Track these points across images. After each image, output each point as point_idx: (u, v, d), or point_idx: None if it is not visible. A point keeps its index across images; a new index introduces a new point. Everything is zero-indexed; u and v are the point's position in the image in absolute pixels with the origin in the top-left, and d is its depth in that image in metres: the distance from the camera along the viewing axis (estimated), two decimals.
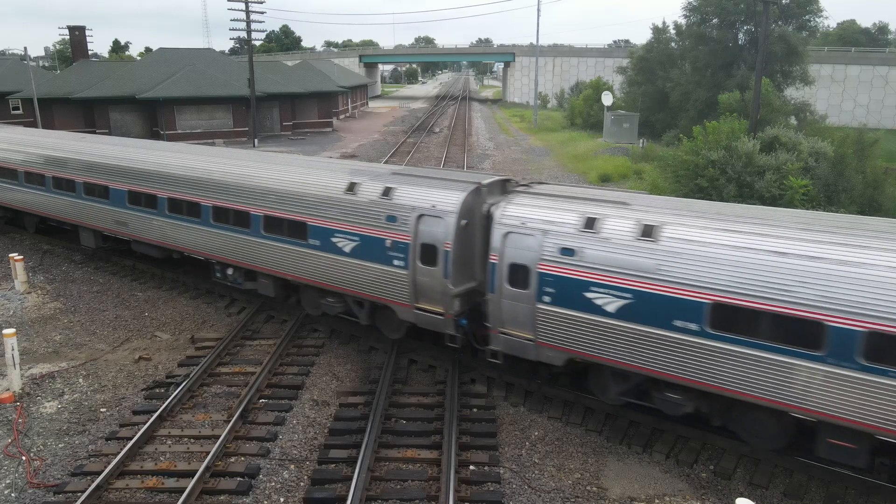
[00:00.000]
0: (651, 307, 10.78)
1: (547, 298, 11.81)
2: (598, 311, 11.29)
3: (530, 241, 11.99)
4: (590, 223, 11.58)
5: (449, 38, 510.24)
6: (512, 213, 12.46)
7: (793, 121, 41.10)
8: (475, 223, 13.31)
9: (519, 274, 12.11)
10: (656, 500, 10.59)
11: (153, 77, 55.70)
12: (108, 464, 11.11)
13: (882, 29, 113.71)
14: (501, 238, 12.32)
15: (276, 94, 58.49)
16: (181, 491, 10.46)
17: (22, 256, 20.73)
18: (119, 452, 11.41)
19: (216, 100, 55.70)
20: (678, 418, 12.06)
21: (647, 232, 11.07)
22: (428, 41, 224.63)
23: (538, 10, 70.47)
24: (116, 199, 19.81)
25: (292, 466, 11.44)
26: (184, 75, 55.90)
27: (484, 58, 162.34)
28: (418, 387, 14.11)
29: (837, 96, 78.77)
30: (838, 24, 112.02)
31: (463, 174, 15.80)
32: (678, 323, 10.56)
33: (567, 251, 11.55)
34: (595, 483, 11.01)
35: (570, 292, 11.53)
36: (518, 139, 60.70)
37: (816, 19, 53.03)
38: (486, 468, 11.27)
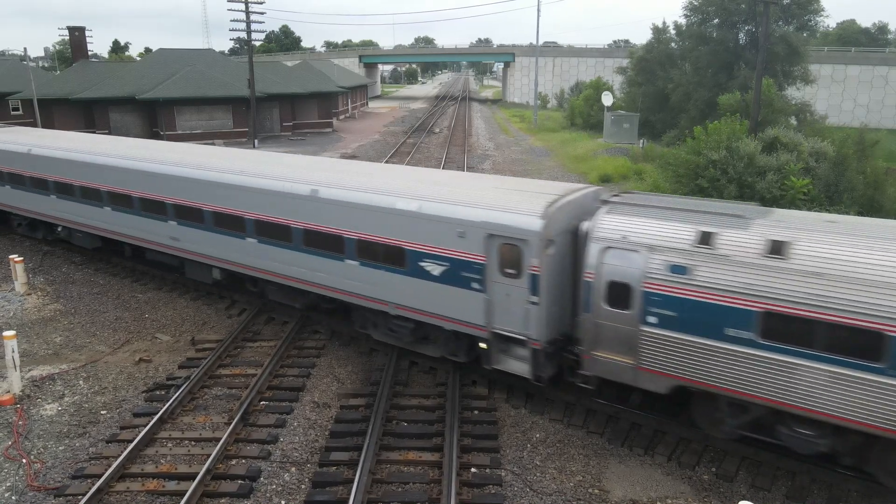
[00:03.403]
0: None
1: None
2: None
3: None
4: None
5: (449, 38, 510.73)
6: None
7: (793, 121, 41.08)
8: None
9: None
10: (658, 503, 10.57)
11: (153, 78, 55.71)
12: (109, 466, 11.10)
13: (882, 29, 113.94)
14: None
15: (276, 95, 58.48)
16: (182, 494, 10.44)
17: (22, 258, 20.71)
18: (120, 455, 11.39)
19: (216, 100, 55.71)
20: (679, 419, 12.02)
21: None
22: (428, 41, 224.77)
23: (538, 10, 70.46)
24: None
25: (293, 469, 11.42)
26: (183, 76, 55.90)
27: (484, 58, 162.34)
28: (419, 388, 14.07)
29: (837, 96, 78.78)
30: (838, 24, 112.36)
31: None
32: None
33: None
34: (597, 485, 10.98)
35: None
36: (518, 139, 60.66)
37: (817, 19, 53.06)
38: (487, 470, 11.24)
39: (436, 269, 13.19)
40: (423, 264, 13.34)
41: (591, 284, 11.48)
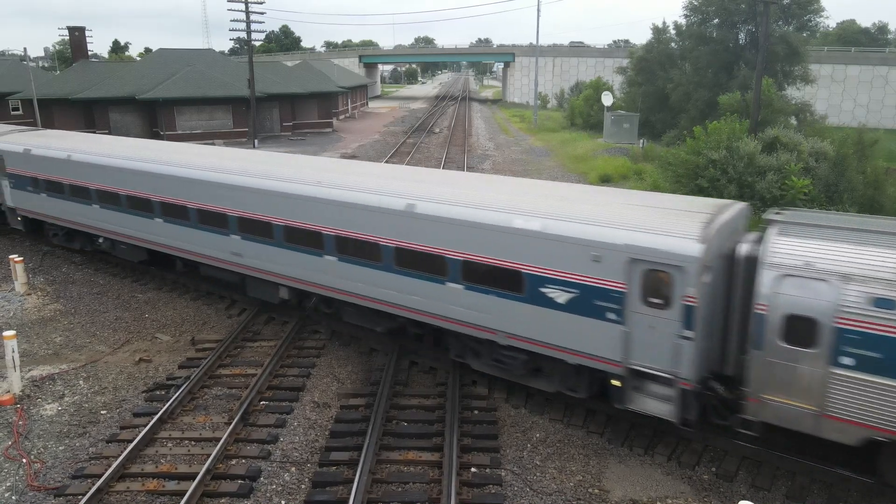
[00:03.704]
0: None
1: None
2: None
3: None
4: None
5: (449, 38, 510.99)
6: None
7: (793, 121, 41.11)
8: None
9: None
10: (658, 503, 10.57)
11: (153, 78, 55.74)
12: (109, 466, 11.10)
13: (882, 29, 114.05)
14: None
15: (276, 95, 58.50)
16: (182, 494, 10.45)
17: (22, 258, 20.72)
18: (120, 455, 11.40)
19: (216, 100, 55.73)
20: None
21: None
22: (428, 41, 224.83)
23: (538, 10, 70.48)
24: None
25: (293, 469, 11.42)
26: (183, 76, 55.91)
27: (484, 58, 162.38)
28: (419, 388, 14.08)
29: (837, 96, 78.82)
30: (838, 24, 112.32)
31: None
32: None
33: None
34: (597, 485, 10.99)
35: None
36: (518, 139, 60.67)
37: (817, 19, 53.11)
38: (487, 470, 11.24)
39: (561, 297, 11.69)
40: (544, 290, 11.87)
41: (764, 318, 9.95)
